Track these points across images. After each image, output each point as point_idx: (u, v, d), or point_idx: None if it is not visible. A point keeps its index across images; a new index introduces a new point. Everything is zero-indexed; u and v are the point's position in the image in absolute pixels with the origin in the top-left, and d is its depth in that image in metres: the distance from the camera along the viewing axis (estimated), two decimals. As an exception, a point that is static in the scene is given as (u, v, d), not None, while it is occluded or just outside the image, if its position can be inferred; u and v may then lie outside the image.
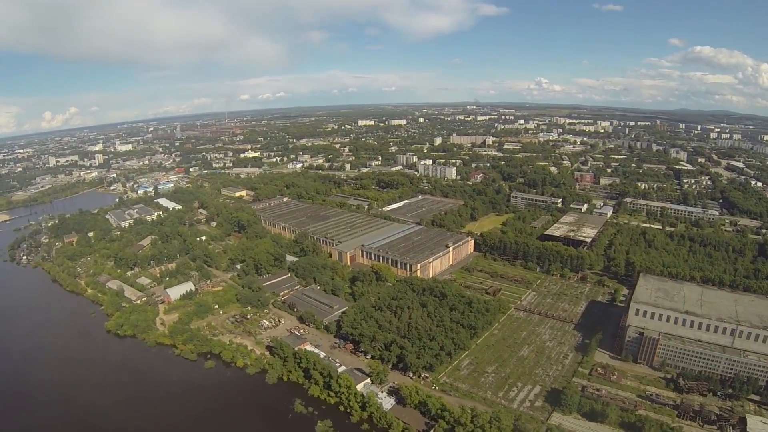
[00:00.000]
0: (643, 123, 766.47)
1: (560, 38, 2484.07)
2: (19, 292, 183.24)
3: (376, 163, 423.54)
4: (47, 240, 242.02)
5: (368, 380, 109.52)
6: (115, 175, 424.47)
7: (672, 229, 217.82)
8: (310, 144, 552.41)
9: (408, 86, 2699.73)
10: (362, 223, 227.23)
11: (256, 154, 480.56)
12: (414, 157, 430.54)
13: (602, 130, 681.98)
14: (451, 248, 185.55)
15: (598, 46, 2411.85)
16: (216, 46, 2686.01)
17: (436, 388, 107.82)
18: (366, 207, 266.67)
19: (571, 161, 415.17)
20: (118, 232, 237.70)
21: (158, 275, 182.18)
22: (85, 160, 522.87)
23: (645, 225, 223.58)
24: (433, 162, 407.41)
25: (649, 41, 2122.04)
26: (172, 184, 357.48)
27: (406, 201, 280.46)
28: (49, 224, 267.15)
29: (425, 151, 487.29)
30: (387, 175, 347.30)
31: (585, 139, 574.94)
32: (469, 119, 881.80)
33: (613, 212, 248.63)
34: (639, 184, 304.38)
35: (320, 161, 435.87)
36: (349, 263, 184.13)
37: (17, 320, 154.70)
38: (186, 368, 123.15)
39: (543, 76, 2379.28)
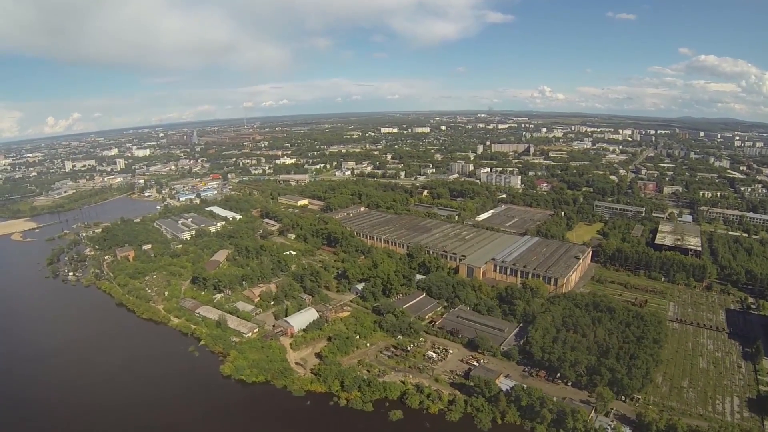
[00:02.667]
0: (663, 131, 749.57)
1: (565, 47, 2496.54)
2: (83, 319, 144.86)
3: (431, 171, 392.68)
4: (92, 253, 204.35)
5: (593, 412, 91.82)
6: (143, 180, 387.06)
7: (756, 236, 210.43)
8: (344, 150, 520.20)
9: (411, 94, 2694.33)
10: (470, 235, 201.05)
11: (293, 161, 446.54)
12: (469, 165, 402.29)
13: (630, 139, 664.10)
14: (581, 260, 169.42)
15: (602, 55, 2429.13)
16: (221, 50, 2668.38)
17: (653, 408, 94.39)
18: (456, 217, 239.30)
19: (624, 170, 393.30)
20: (179, 245, 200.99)
21: (257, 299, 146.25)
22: (104, 164, 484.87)
23: (733, 233, 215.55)
24: (490, 170, 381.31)
25: (654, 50, 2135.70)
26: (216, 191, 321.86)
27: (492, 211, 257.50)
28: (88, 234, 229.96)
29: (472, 158, 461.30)
30: (457, 183, 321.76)
31: (621, 147, 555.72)
32: (490, 127, 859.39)
33: (693, 221, 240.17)
34: (701, 192, 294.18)
35: (369, 168, 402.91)
36: (481, 278, 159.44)
37: (99, 359, 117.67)
38: (370, 424, 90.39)
39: (546, 84, 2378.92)
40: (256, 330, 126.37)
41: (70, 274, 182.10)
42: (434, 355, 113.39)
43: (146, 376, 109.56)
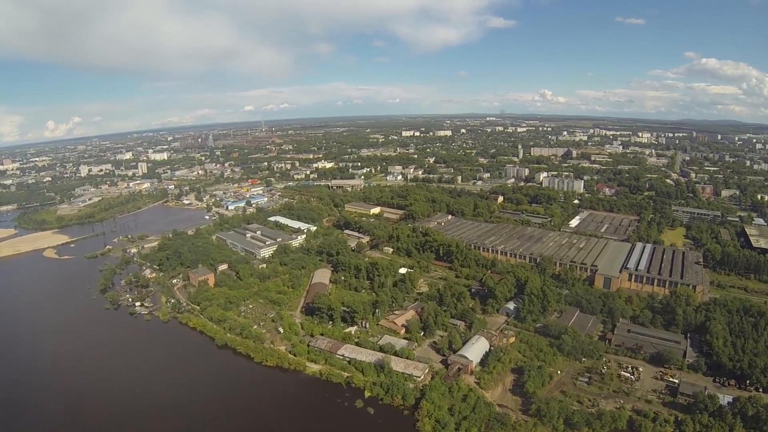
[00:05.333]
0: (679, 134, 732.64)
1: (566, 51, 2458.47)
2: (184, 371, 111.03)
3: (486, 175, 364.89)
4: (154, 275, 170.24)
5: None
6: (173, 186, 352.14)
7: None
8: (378, 154, 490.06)
9: (412, 98, 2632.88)
10: (582, 243, 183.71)
11: (330, 165, 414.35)
12: (524, 169, 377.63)
13: (655, 142, 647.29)
14: (702, 265, 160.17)
15: (603, 58, 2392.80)
16: (223, 55, 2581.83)
17: None
18: (548, 224, 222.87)
19: (675, 173, 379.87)
20: (262, 264, 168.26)
21: (401, 330, 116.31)
22: (122, 168, 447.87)
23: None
24: (548, 174, 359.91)
25: (656, 54, 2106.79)
26: (265, 198, 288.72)
27: (578, 217, 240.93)
28: (139, 250, 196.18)
29: (517, 162, 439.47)
30: (531, 189, 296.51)
31: (655, 151, 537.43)
32: (509, 131, 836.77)
33: (765, 224, 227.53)
34: (758, 195, 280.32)
35: (419, 173, 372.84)
36: (617, 289, 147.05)
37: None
38: None
39: (547, 88, 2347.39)
40: (427, 370, 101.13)
41: (138, 304, 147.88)
42: (627, 375, 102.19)
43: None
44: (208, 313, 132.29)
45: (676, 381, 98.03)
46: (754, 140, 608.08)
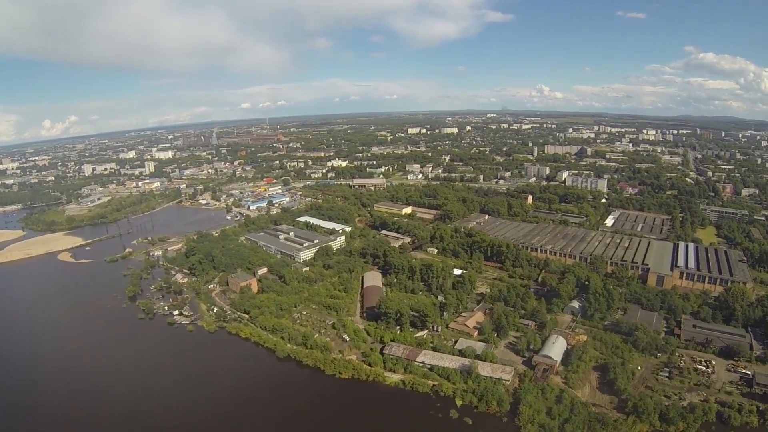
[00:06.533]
0: (683, 131, 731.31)
1: (564, 45, 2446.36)
2: (244, 386, 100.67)
3: (507, 174, 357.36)
4: (185, 280, 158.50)
5: None
6: (184, 185, 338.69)
7: None
8: (390, 152, 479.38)
9: (409, 94, 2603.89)
10: (626, 242, 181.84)
11: (345, 163, 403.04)
12: (545, 168, 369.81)
13: (662, 139, 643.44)
14: (746, 264, 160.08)
15: (601, 53, 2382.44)
16: (220, 52, 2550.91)
17: None
18: (585, 223, 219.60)
19: (693, 172, 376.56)
20: (306, 268, 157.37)
21: (474, 333, 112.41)
22: (126, 167, 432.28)
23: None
24: (568, 173, 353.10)
25: (654, 48, 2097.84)
26: (287, 198, 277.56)
27: (612, 216, 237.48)
28: (164, 253, 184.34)
29: (533, 160, 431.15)
30: (559, 188, 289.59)
31: (667, 148, 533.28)
32: (514, 128, 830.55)
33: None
34: None
35: (438, 172, 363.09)
36: (671, 287, 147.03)
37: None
38: None
39: (544, 83, 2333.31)
40: (513, 373, 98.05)
41: (175, 312, 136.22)
42: (704, 368, 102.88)
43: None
44: (261, 321, 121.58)
45: (749, 372, 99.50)
46: (758, 137, 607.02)
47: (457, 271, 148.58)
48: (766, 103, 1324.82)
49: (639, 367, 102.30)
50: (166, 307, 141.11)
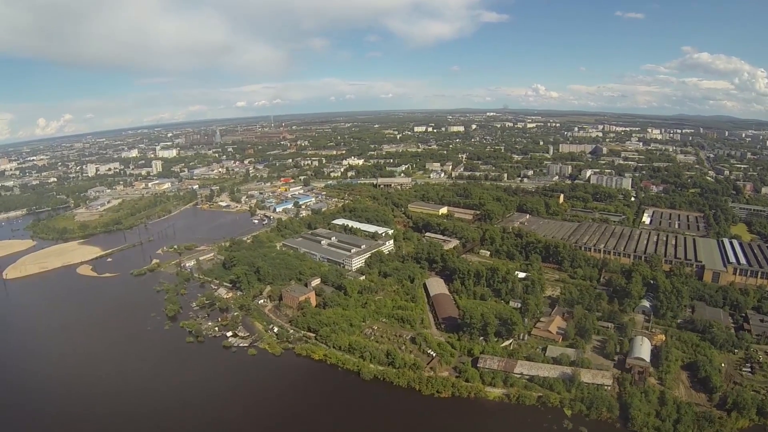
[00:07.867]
0: (686, 130, 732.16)
1: (559, 45, 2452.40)
2: (335, 415, 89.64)
3: (530, 173, 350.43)
4: (231, 295, 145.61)
5: None
6: (197, 186, 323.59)
7: None
8: (404, 150, 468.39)
9: (404, 93, 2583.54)
10: (672, 240, 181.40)
11: (361, 162, 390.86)
12: (567, 167, 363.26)
13: (669, 138, 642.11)
14: None
15: (597, 53, 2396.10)
16: (216, 51, 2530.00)
17: None
18: (625, 222, 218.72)
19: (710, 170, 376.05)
20: (361, 277, 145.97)
21: (558, 338, 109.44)
22: (131, 167, 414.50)
23: None
24: (591, 172, 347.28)
25: (649, 48, 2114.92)
26: (312, 199, 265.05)
27: (646, 214, 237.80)
28: (198, 264, 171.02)
29: (549, 158, 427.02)
30: (590, 187, 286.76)
31: (679, 148, 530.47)
32: (519, 126, 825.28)
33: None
34: None
35: (460, 170, 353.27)
36: (729, 282, 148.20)
37: None
38: None
39: (539, 83, 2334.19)
40: (611, 378, 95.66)
41: (229, 334, 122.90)
42: None
43: None
44: (334, 340, 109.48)
45: None
46: (761, 137, 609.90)
47: (521, 274, 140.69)
48: (761, 102, 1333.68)
49: (723, 364, 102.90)
50: (215, 328, 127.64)
